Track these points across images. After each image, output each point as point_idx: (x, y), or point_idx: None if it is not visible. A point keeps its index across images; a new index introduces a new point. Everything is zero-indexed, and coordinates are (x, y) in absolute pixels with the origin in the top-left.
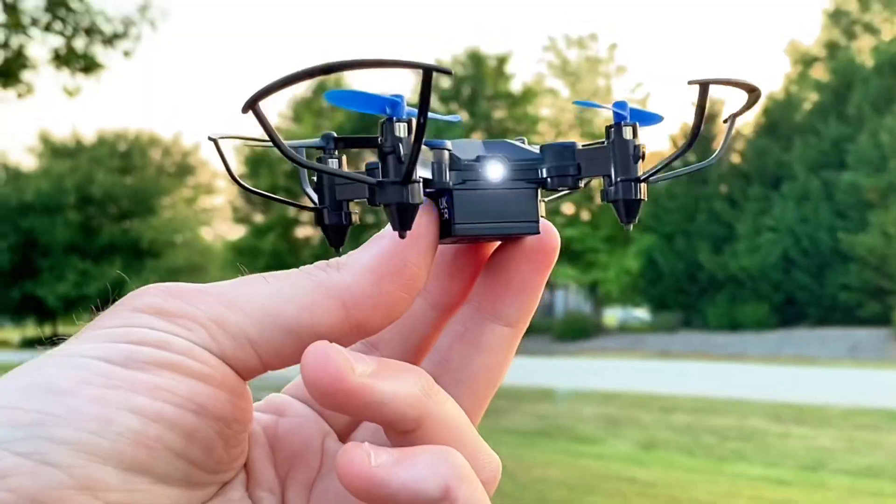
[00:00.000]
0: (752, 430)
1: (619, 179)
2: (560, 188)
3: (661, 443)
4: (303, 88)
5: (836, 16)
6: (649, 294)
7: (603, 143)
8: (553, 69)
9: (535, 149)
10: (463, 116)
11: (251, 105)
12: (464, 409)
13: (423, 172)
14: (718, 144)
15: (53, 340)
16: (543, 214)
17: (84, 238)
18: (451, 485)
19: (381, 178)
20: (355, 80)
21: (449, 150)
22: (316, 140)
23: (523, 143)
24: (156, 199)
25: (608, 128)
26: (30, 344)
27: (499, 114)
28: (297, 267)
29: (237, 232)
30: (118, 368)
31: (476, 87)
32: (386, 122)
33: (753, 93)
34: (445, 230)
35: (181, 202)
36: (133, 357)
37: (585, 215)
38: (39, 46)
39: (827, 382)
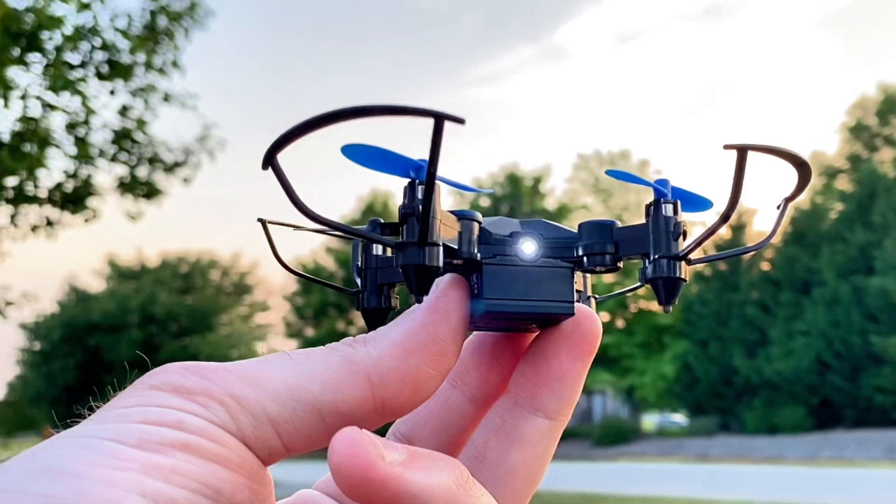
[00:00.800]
0: None
1: (657, 257)
2: (597, 268)
3: None
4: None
5: (857, 130)
6: (686, 399)
7: (640, 223)
8: (586, 186)
9: (574, 229)
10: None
11: (269, 159)
12: (504, 499)
13: (451, 243)
14: (750, 256)
15: (67, 423)
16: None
17: (146, 355)
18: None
19: (400, 241)
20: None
21: (479, 223)
22: (364, 227)
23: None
24: (214, 316)
25: (648, 205)
26: None
27: None
28: None
29: (290, 346)
30: (130, 449)
31: (514, 204)
32: (409, 185)
33: (802, 167)
34: (475, 307)
35: (238, 319)
36: (146, 438)
37: (620, 322)
38: (105, 175)
39: (866, 484)
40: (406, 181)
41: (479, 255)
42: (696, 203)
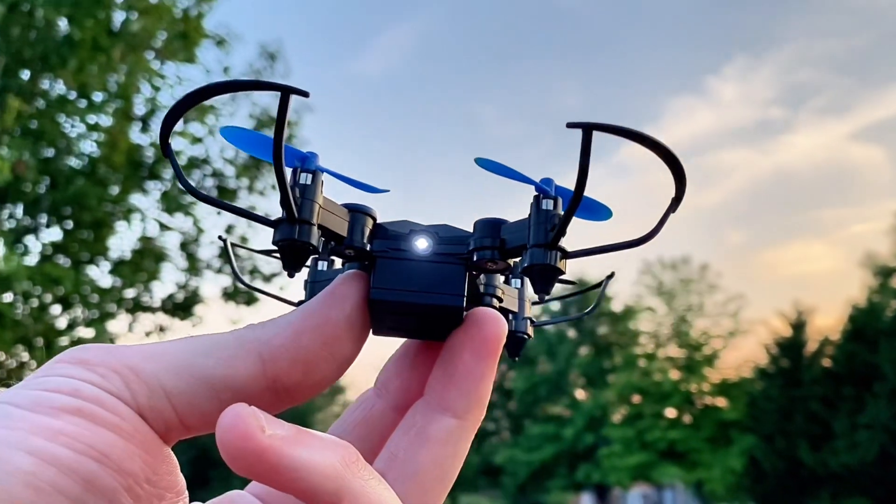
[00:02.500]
0: None
1: (532, 244)
2: (487, 263)
3: None
4: None
5: None
6: (754, 491)
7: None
8: (650, 289)
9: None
10: (570, 333)
11: (163, 143)
12: (412, 501)
13: (341, 231)
14: (810, 351)
15: None
16: (530, 334)
17: None
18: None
19: (276, 220)
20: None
21: (373, 218)
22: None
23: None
24: (310, 416)
25: (536, 204)
26: None
27: (602, 329)
28: None
29: None
30: (22, 412)
31: (581, 307)
32: (293, 171)
33: (657, 147)
34: (379, 301)
35: (331, 417)
36: (39, 401)
37: (687, 418)
38: (211, 285)
39: None
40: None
41: (369, 247)
42: (595, 210)
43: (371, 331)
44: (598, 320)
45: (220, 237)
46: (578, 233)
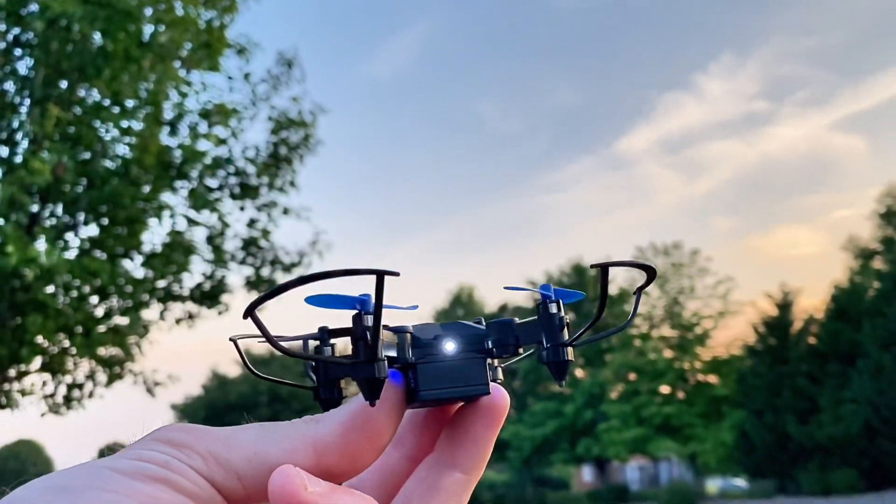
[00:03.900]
0: None
1: (549, 345)
2: (504, 356)
3: None
4: (442, 300)
5: (888, 216)
6: (745, 463)
7: (535, 318)
8: (643, 274)
9: (483, 326)
10: (570, 317)
11: (249, 313)
12: None
13: (390, 352)
14: (796, 330)
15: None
16: (501, 378)
17: None
18: None
19: (354, 360)
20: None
21: (411, 333)
22: (314, 333)
23: (480, 322)
24: (310, 412)
25: (537, 304)
26: None
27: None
28: None
29: None
30: (121, 476)
31: (577, 286)
32: (356, 316)
33: (648, 270)
34: (413, 396)
35: (349, 396)
36: (136, 469)
37: (681, 394)
38: (236, 275)
39: None
40: (353, 312)
41: (412, 357)
42: (572, 296)
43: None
44: (593, 304)
45: (230, 339)
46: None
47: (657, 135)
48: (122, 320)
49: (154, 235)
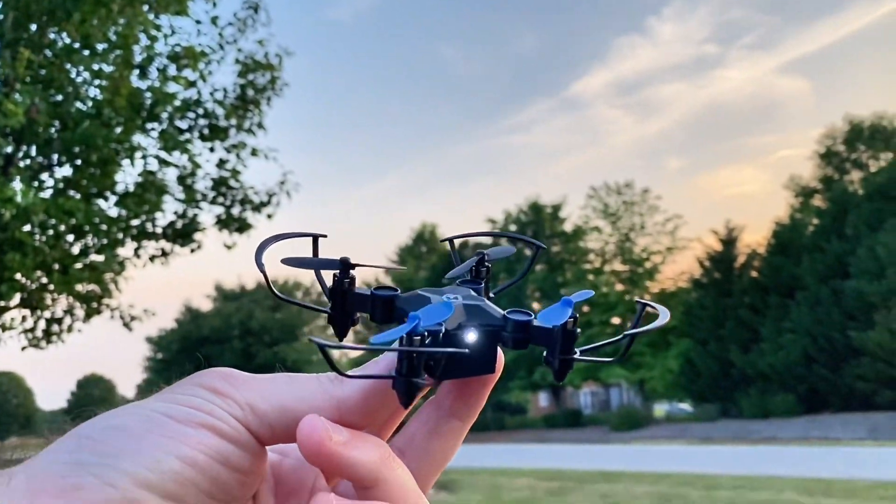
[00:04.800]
0: (786, 503)
1: (560, 356)
2: (515, 347)
3: None
4: (405, 237)
5: (828, 156)
6: (690, 389)
7: (552, 327)
8: (597, 211)
9: (499, 313)
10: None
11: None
12: (421, 476)
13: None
14: (739, 264)
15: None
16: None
17: (245, 361)
18: None
19: (397, 373)
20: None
21: (441, 332)
22: (335, 261)
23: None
24: (298, 328)
25: (563, 325)
26: None
27: (555, 248)
28: None
29: (358, 350)
30: (175, 423)
31: (537, 229)
32: (406, 336)
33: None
34: (433, 375)
35: (317, 330)
36: (188, 416)
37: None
38: (207, 214)
39: (850, 460)
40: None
41: (439, 351)
42: (585, 296)
43: None
44: (551, 240)
45: (259, 262)
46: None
47: (611, 77)
48: (98, 258)
49: (127, 176)
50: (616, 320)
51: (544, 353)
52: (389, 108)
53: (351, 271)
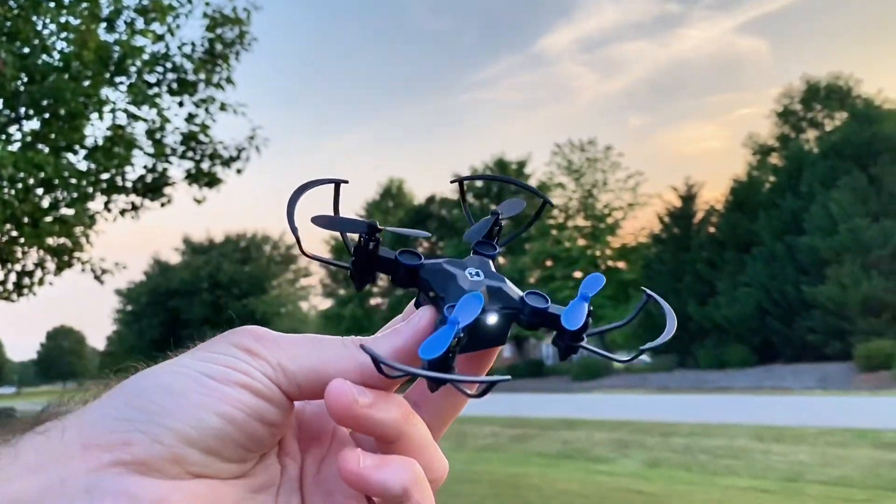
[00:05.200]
0: (739, 449)
1: (570, 340)
2: (529, 328)
3: (663, 461)
4: (373, 192)
5: (785, 115)
6: (648, 341)
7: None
8: (561, 168)
9: (517, 294)
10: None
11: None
12: (433, 428)
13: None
14: (698, 220)
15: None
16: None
17: (214, 313)
18: (409, 487)
19: (437, 377)
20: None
21: (473, 325)
22: (362, 223)
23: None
24: (267, 281)
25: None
26: None
27: (512, 188)
28: (370, 326)
29: (326, 303)
30: (215, 382)
31: (502, 185)
32: (455, 338)
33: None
34: (461, 351)
35: (285, 283)
36: (225, 376)
37: None
38: (177, 169)
39: (801, 408)
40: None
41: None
42: (599, 286)
43: None
44: (516, 196)
45: (303, 253)
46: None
47: (576, 34)
48: (68, 211)
49: (96, 129)
50: (577, 274)
51: (554, 334)
52: (356, 63)
53: (377, 234)
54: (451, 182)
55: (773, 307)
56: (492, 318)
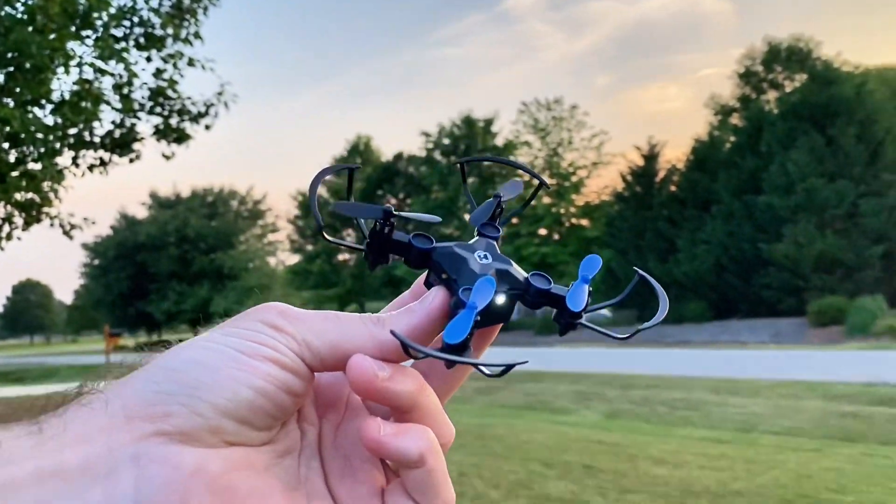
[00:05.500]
0: (696, 401)
1: (570, 318)
2: (531, 305)
3: (623, 412)
4: (340, 149)
5: (747, 76)
6: (609, 296)
7: (566, 289)
8: (527, 126)
9: (522, 276)
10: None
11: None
12: (440, 395)
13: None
14: (660, 179)
15: (180, 340)
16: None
17: (181, 267)
18: (424, 453)
19: (450, 356)
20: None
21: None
22: (378, 209)
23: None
24: (234, 236)
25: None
26: (143, 348)
27: (486, 162)
28: (338, 282)
29: (294, 259)
30: (245, 357)
31: (469, 143)
32: (473, 320)
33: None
34: (475, 326)
35: (253, 238)
36: (255, 351)
37: (556, 236)
38: (145, 124)
39: (755, 362)
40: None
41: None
42: (597, 267)
43: None
44: (481, 154)
45: (321, 230)
46: None
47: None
48: (35, 166)
49: (62, 84)
50: (542, 231)
51: (554, 312)
52: (324, 19)
53: (391, 219)
54: (455, 163)
55: (731, 264)
56: (501, 300)
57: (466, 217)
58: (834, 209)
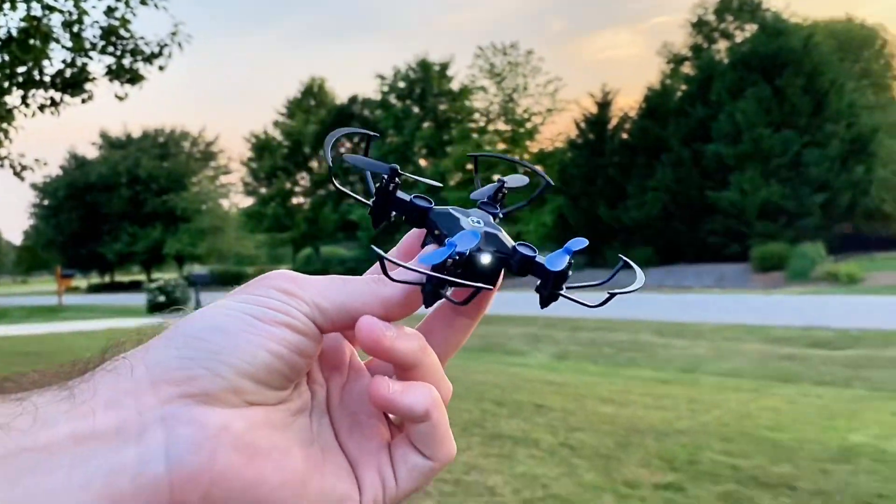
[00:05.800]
0: (642, 343)
1: (551, 289)
2: (516, 275)
3: (571, 354)
4: (294, 91)
5: (699, 25)
6: (562, 241)
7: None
8: (483, 71)
9: (510, 243)
10: (415, 109)
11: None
12: (440, 356)
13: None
14: (612, 126)
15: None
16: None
17: (133, 209)
18: (430, 409)
19: (428, 283)
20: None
21: (467, 254)
22: (384, 168)
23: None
24: (186, 178)
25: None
26: (95, 289)
27: (442, 107)
28: (292, 225)
29: (247, 201)
30: (261, 323)
31: (425, 87)
32: (451, 256)
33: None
34: (458, 278)
35: (205, 179)
36: (268, 317)
37: None
38: (97, 64)
39: (700, 306)
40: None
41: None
42: (582, 244)
43: None
44: (437, 98)
45: (330, 174)
46: None
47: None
48: None
49: (9, 20)
50: (496, 177)
51: (537, 283)
52: None
53: (397, 178)
54: (467, 156)
55: (678, 210)
56: (485, 258)
57: (421, 163)
58: (779, 158)
